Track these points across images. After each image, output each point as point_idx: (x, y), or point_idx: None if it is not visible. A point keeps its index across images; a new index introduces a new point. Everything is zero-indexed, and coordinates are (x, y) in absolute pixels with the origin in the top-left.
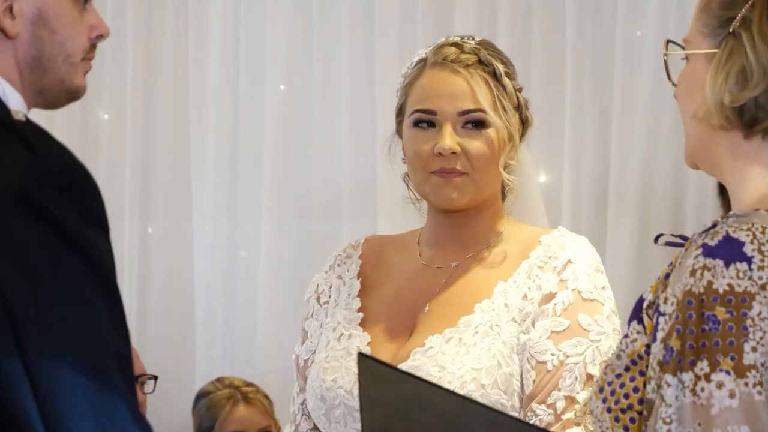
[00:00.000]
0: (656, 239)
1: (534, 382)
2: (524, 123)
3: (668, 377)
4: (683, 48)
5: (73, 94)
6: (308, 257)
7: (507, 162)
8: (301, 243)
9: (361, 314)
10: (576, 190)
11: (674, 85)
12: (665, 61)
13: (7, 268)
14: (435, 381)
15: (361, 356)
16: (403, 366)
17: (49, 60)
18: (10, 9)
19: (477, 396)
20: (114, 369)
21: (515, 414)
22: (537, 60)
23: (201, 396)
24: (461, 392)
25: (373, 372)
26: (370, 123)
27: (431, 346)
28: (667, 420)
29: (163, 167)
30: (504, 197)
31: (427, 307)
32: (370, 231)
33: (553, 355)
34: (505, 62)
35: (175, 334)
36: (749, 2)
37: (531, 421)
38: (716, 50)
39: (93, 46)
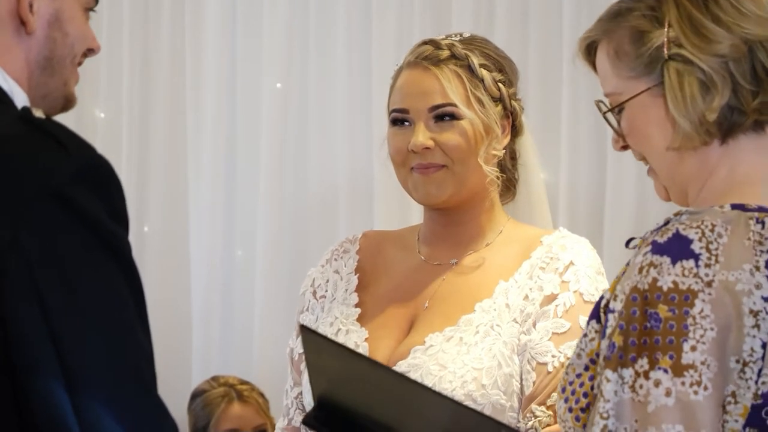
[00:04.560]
0: (627, 243)
1: (534, 383)
2: (512, 114)
3: (608, 372)
4: (607, 105)
5: (68, 101)
6: (305, 256)
7: (492, 154)
8: (298, 242)
9: (358, 309)
10: (573, 188)
11: (621, 136)
12: (606, 118)
13: (44, 268)
14: (436, 380)
15: (303, 328)
16: (403, 363)
17: (59, 61)
18: (30, 7)
19: (477, 396)
20: (145, 368)
21: (513, 415)
22: (534, 58)
23: (196, 395)
24: (462, 391)
25: (316, 344)
26: (366, 122)
27: (432, 344)
28: (605, 415)
29: (159, 166)
30: (510, 195)
31: (426, 304)
32: (366, 229)
33: (553, 356)
34: (489, 55)
35: (171, 333)
36: (664, 26)
37: (530, 423)
38: (660, 83)
39: (84, 56)
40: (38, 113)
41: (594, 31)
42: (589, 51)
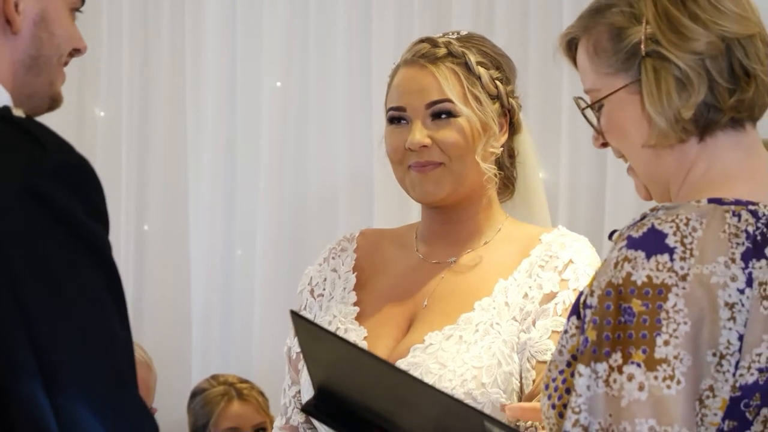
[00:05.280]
0: (610, 236)
1: (534, 381)
2: (510, 111)
3: (581, 367)
4: (587, 101)
5: (54, 101)
6: (304, 255)
7: (489, 151)
8: (298, 241)
9: (357, 308)
10: (573, 188)
11: (600, 133)
12: (585, 115)
13: (23, 266)
14: (436, 378)
15: (294, 315)
16: (402, 362)
17: (46, 60)
18: (16, 6)
19: (477, 394)
20: (125, 368)
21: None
22: (533, 57)
23: (196, 393)
24: (462, 390)
25: (307, 331)
26: (366, 121)
27: (431, 343)
28: (576, 410)
29: (160, 165)
30: (509, 193)
31: (425, 303)
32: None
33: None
34: (486, 53)
35: (171, 331)
36: (642, 23)
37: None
38: (637, 79)
39: (70, 56)
40: (18, 112)
41: (574, 27)
42: (570, 47)
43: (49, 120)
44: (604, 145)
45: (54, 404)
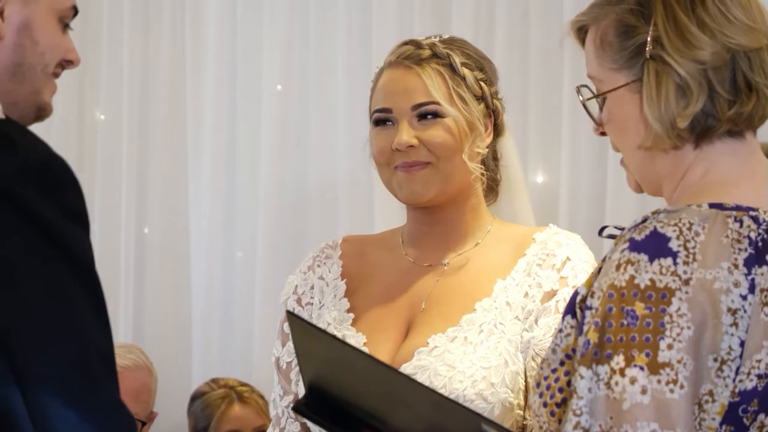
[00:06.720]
0: (600, 231)
1: None
2: (494, 112)
3: (582, 369)
4: (592, 90)
5: (41, 110)
6: (305, 257)
7: (476, 151)
8: (298, 243)
9: (351, 315)
10: (573, 188)
11: (599, 124)
12: (584, 105)
13: None
14: (445, 380)
15: (290, 315)
16: (408, 366)
17: (29, 69)
18: (1, 13)
19: (488, 394)
20: (96, 364)
21: (520, 413)
22: (534, 59)
23: (196, 397)
24: (472, 391)
25: (303, 330)
26: (366, 123)
27: (436, 345)
28: (578, 412)
29: (160, 168)
30: (493, 195)
31: (422, 306)
32: (366, 231)
33: None
34: (470, 55)
35: (171, 334)
36: (650, 24)
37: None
38: (639, 79)
39: (62, 67)
40: None
41: (585, 15)
42: (581, 32)
43: (50, 123)
44: (603, 133)
45: (26, 400)
